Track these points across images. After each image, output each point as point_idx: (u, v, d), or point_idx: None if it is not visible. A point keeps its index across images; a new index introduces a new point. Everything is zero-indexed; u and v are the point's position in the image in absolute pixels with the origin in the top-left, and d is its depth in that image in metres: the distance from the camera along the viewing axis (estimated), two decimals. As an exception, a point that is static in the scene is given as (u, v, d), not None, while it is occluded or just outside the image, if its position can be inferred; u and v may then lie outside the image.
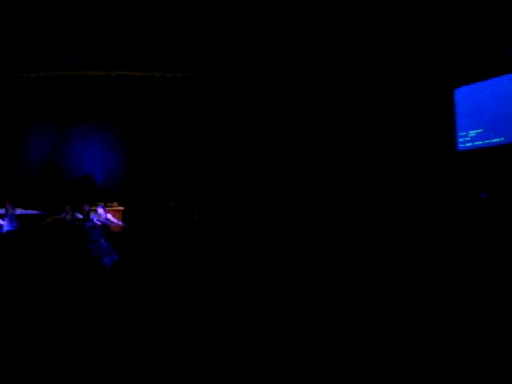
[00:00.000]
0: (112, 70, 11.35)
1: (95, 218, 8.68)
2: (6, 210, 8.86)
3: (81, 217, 8.61)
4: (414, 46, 9.47)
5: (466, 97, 8.88)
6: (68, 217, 8.73)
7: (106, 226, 8.80)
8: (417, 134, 9.49)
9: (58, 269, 7.23)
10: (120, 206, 10.33)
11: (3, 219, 8.79)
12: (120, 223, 9.35)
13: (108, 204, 10.37)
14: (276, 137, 11.32)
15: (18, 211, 8.93)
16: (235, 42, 9.92)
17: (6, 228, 8.73)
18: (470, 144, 8.80)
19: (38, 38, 9.98)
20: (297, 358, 3.82)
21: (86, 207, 8.54)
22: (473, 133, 8.76)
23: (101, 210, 8.91)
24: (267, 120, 11.36)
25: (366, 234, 9.17)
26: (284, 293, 5.92)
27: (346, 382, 3.44)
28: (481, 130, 8.62)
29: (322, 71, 10.99)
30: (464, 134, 8.91)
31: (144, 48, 10.31)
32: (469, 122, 8.83)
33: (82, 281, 6.69)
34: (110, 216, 9.08)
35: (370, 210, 9.94)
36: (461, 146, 8.96)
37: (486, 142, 8.53)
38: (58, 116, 11.41)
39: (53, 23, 9.37)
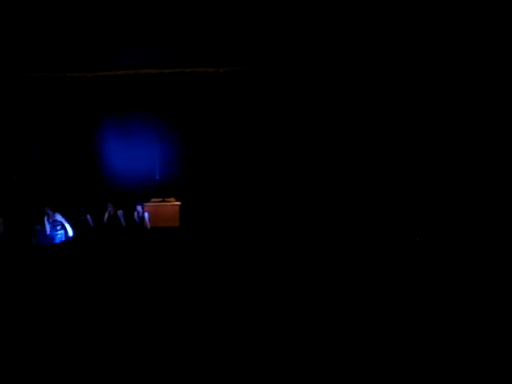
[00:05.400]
0: (166, 68, 11.53)
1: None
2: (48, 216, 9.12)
3: None
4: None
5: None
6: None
7: None
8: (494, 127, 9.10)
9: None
10: (177, 201, 10.52)
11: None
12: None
13: (165, 199, 10.59)
14: (332, 130, 11.22)
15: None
16: (289, 34, 9.84)
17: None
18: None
19: (94, 40, 10.26)
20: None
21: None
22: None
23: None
24: (324, 114, 11.26)
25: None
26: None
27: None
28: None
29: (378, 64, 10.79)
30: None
31: (198, 44, 10.42)
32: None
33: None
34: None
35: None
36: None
37: None
38: (113, 114, 11.69)
39: (110, 26, 9.62)
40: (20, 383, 3.52)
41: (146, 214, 9.97)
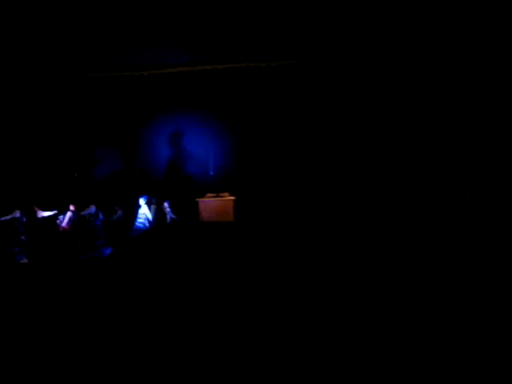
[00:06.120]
0: (220, 64, 11.63)
1: None
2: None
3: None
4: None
5: None
6: None
7: None
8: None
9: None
10: (231, 195, 10.59)
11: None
12: None
13: (220, 194, 10.69)
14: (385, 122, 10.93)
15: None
16: (342, 27, 9.69)
17: None
18: None
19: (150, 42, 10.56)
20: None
21: None
22: None
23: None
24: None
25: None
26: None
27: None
28: None
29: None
30: None
31: (250, 40, 10.47)
32: None
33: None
34: None
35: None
36: None
37: None
38: (169, 110, 11.92)
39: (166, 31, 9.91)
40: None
41: (166, 204, 10.00)
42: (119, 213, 9.54)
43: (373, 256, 7.26)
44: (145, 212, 9.62)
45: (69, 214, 9.25)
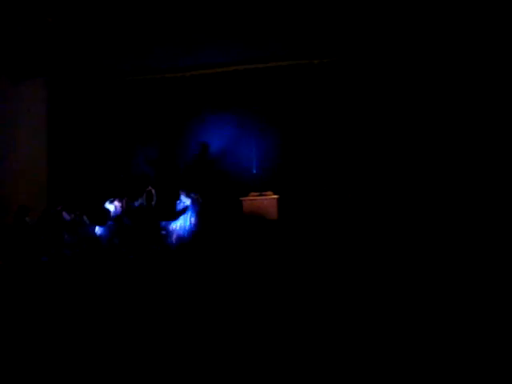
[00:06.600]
0: (261, 63, 11.68)
1: None
2: None
3: None
4: None
5: None
6: None
7: None
8: None
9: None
10: (275, 194, 10.57)
11: None
12: None
13: (263, 193, 10.68)
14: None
15: None
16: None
17: None
18: None
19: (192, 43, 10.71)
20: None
21: None
22: None
23: None
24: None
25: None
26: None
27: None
28: None
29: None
30: None
31: (293, 38, 10.48)
32: None
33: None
34: None
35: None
36: None
37: None
38: (212, 110, 12.02)
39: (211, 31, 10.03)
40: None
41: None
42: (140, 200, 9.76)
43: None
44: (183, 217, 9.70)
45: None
